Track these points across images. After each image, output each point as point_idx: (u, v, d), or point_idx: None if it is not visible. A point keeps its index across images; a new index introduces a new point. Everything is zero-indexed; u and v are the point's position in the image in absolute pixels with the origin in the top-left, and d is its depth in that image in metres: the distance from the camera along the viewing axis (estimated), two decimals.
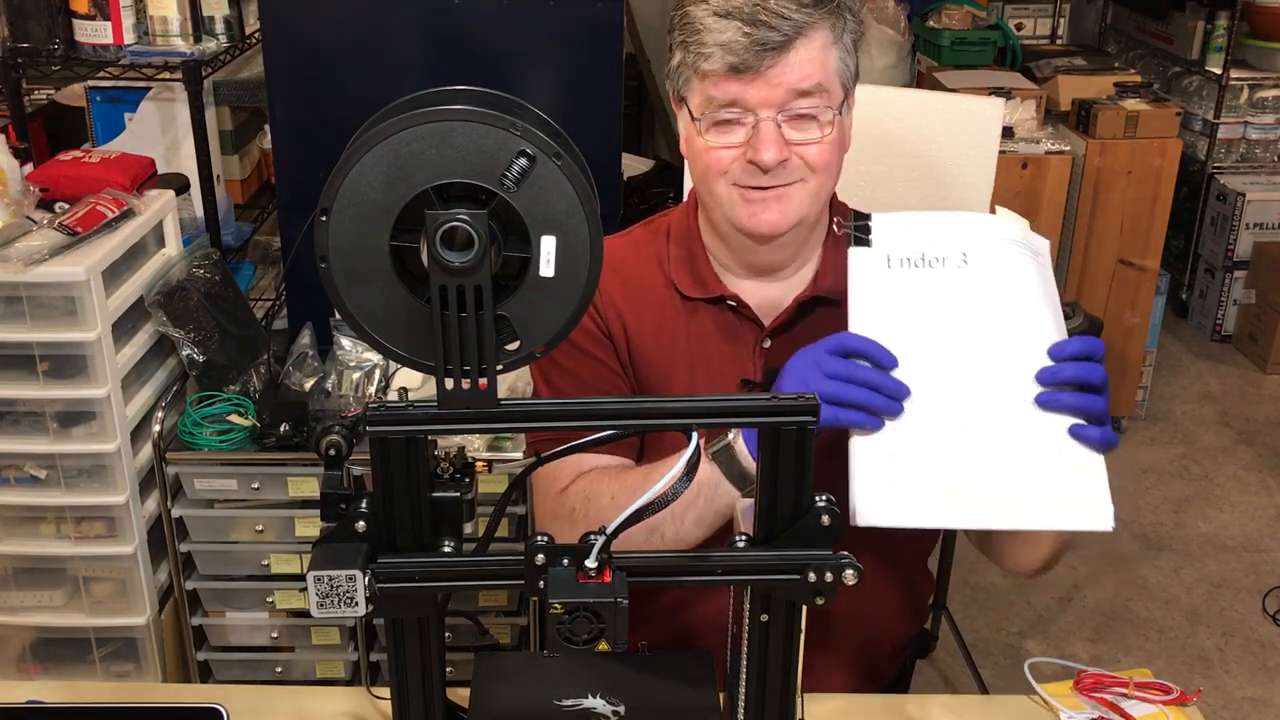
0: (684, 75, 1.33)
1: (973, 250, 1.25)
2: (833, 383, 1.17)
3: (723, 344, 1.42)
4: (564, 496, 1.38)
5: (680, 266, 1.44)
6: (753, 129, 1.29)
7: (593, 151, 1.12)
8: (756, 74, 1.26)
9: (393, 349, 0.95)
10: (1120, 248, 3.48)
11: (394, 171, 0.89)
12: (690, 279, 1.43)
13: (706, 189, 1.36)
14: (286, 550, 2.09)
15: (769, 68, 1.26)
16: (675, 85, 1.35)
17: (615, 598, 0.96)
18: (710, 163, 1.32)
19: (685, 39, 1.30)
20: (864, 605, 1.39)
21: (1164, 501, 3.33)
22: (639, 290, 1.44)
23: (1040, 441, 1.18)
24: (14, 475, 1.98)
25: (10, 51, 2.26)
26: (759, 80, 1.27)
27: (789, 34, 1.25)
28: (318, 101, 2.29)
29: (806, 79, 1.27)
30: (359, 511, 1.01)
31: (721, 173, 1.32)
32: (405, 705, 1.11)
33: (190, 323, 2.06)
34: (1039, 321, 1.22)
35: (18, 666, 2.10)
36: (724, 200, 1.34)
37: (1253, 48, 4.08)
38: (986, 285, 1.23)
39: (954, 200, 1.91)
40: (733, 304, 1.42)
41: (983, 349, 1.21)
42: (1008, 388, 1.19)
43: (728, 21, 1.25)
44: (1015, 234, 1.27)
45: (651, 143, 4.70)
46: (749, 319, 1.42)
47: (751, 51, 1.25)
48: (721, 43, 1.26)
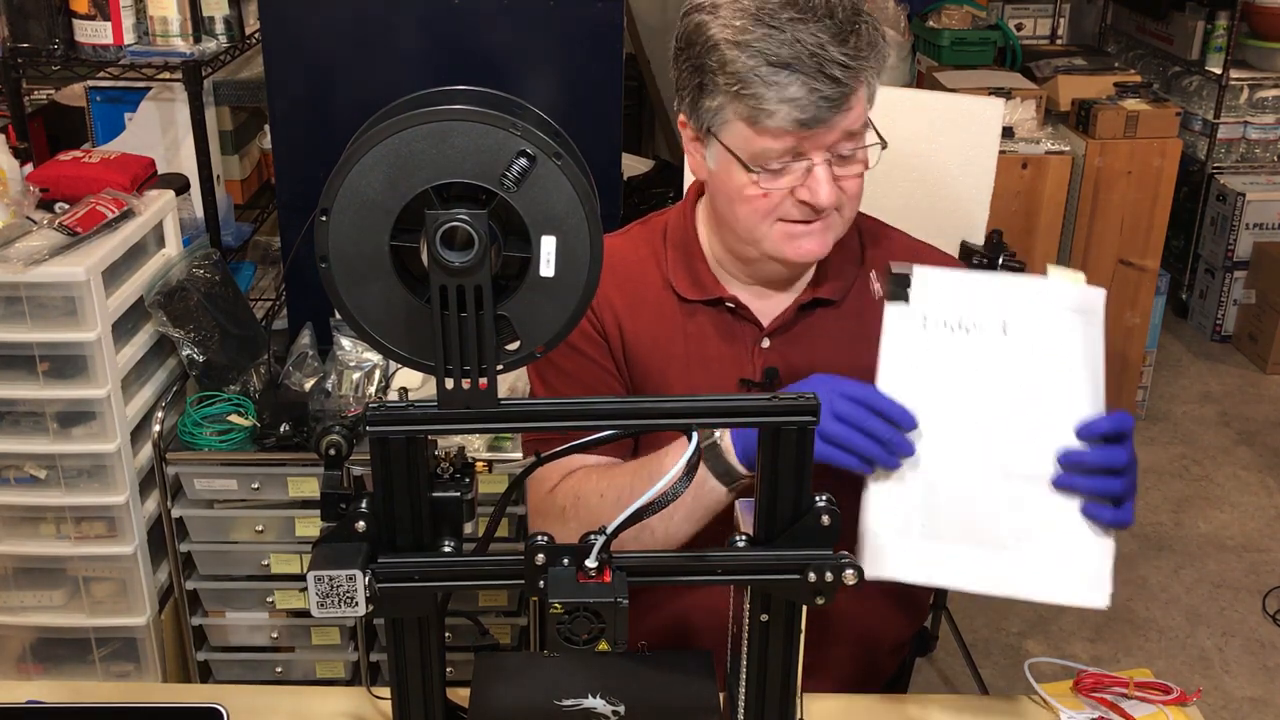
0: (723, 118, 1.28)
1: (1014, 318, 1.23)
2: (838, 424, 1.17)
3: (721, 344, 1.42)
4: (553, 496, 1.39)
5: (678, 269, 1.43)
6: (806, 172, 1.28)
7: (593, 151, 1.12)
8: (820, 128, 1.25)
9: (393, 349, 0.95)
10: (1120, 248, 3.48)
11: (394, 171, 0.89)
12: (688, 281, 1.43)
13: (747, 228, 1.33)
14: (286, 550, 2.09)
15: (834, 120, 1.25)
16: (704, 121, 1.31)
17: (615, 598, 0.96)
18: (758, 206, 1.31)
19: (737, 91, 1.24)
20: (860, 602, 1.39)
21: (1164, 501, 3.32)
22: (636, 290, 1.44)
23: (1053, 517, 1.19)
24: (14, 475, 1.98)
25: (10, 51, 2.26)
26: (820, 131, 1.25)
27: (850, 84, 1.24)
28: (318, 101, 2.29)
29: (857, 121, 1.28)
30: (359, 511, 1.01)
31: (768, 214, 1.31)
32: (405, 705, 1.11)
33: (190, 323, 2.06)
34: (1073, 395, 1.21)
35: (18, 666, 2.10)
36: (765, 238, 1.33)
37: (1253, 48, 4.08)
38: (1023, 357, 1.22)
39: (954, 200, 1.92)
40: (731, 305, 1.42)
41: (1009, 419, 1.21)
42: (1029, 460, 1.20)
43: (790, 75, 1.22)
44: (1065, 298, 1.24)
45: (651, 143, 4.70)
46: (748, 320, 1.42)
47: (820, 108, 1.23)
48: (787, 98, 1.22)
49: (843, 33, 1.24)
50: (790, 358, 1.40)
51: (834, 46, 1.22)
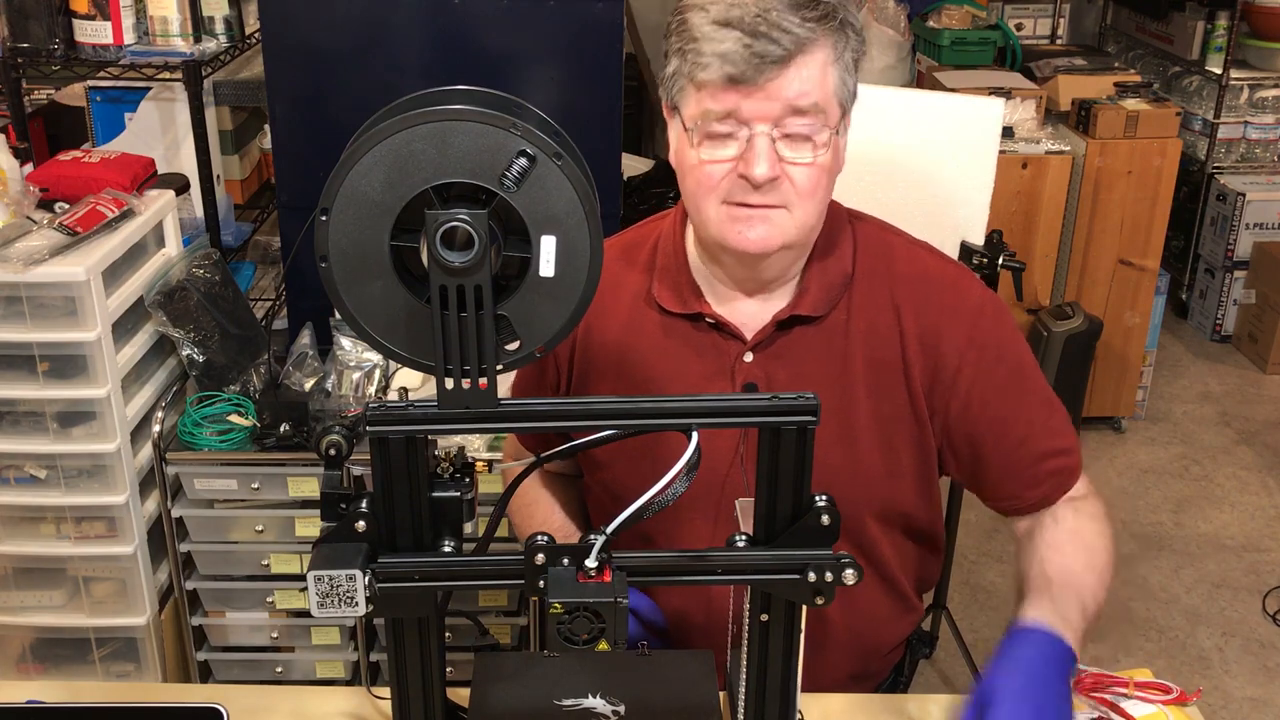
0: (679, 84, 1.29)
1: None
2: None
3: (699, 360, 1.40)
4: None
5: (664, 279, 1.41)
6: (746, 143, 1.25)
7: (593, 151, 1.12)
8: (754, 87, 1.23)
9: (393, 349, 0.95)
10: (1120, 248, 3.49)
11: (394, 171, 0.89)
12: (671, 294, 1.40)
13: (695, 207, 1.32)
14: (286, 550, 2.10)
15: (767, 81, 1.22)
16: (669, 93, 1.31)
17: (615, 598, 0.96)
18: (701, 178, 1.29)
19: (682, 46, 1.26)
20: (852, 604, 1.39)
21: (1164, 501, 3.32)
22: (611, 298, 1.42)
23: None
24: (14, 475, 1.98)
25: (10, 51, 2.26)
26: (756, 94, 1.23)
27: (789, 48, 1.22)
28: (318, 101, 2.29)
29: (804, 96, 1.24)
30: (359, 511, 1.01)
31: (711, 189, 1.28)
32: (405, 705, 1.11)
33: (190, 323, 2.06)
34: None
35: (18, 666, 2.10)
36: (711, 219, 1.30)
37: (1253, 48, 4.08)
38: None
39: (954, 200, 1.92)
40: (712, 321, 1.39)
41: None
42: None
43: (727, 31, 1.22)
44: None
45: (651, 143, 4.70)
46: (730, 335, 1.39)
47: (751, 63, 1.22)
48: (720, 52, 1.22)
49: (799, 3, 1.23)
50: (773, 372, 1.38)
51: (782, 11, 1.22)
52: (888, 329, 1.38)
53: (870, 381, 1.38)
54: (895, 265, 1.41)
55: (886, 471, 1.39)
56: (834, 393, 1.36)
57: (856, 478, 1.38)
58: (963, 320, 1.38)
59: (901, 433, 1.39)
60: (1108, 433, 3.66)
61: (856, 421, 1.37)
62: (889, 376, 1.38)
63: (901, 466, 1.40)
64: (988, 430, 1.39)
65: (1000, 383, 1.39)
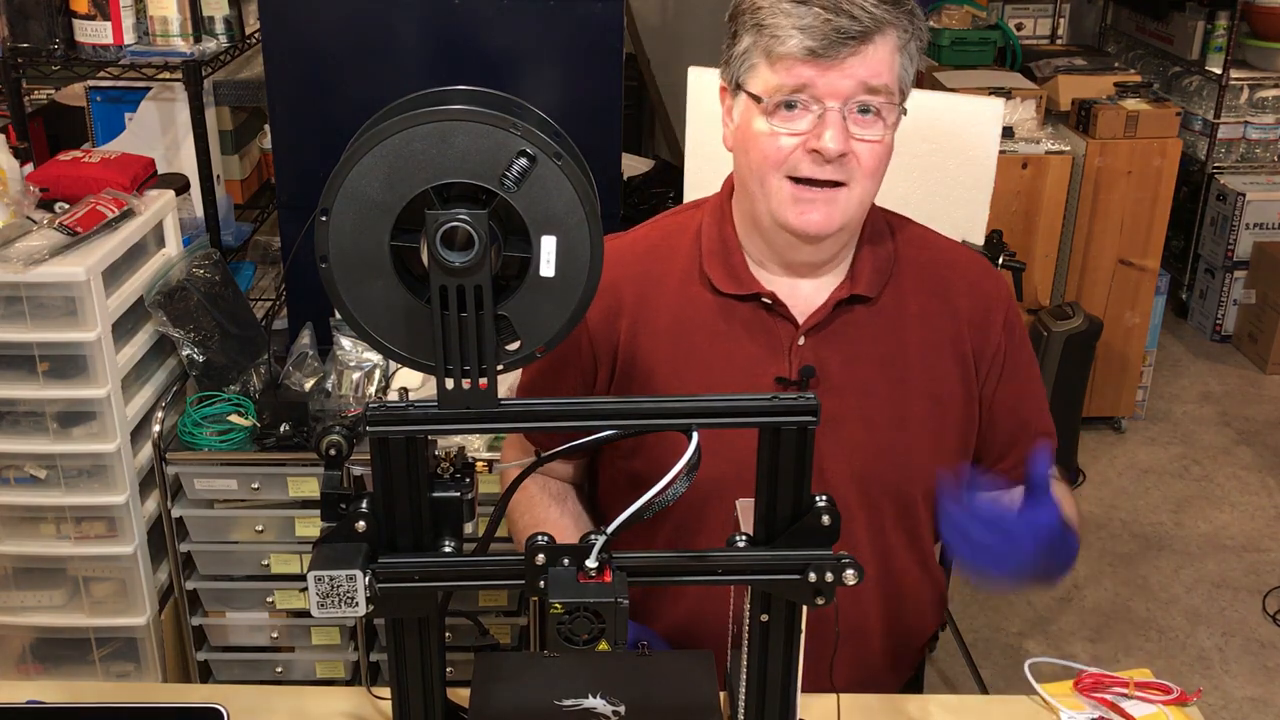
0: (749, 61, 1.31)
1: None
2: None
3: (754, 341, 1.40)
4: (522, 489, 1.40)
5: (715, 261, 1.42)
6: (818, 118, 1.28)
7: (593, 151, 1.12)
8: (832, 62, 1.26)
9: (393, 349, 0.95)
10: (1120, 248, 3.49)
11: (394, 171, 0.89)
12: (725, 275, 1.41)
13: (758, 181, 1.34)
14: (286, 550, 2.09)
15: (846, 57, 1.26)
16: (734, 72, 1.34)
17: (615, 598, 0.96)
18: (769, 151, 1.31)
19: (758, 22, 1.29)
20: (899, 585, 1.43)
21: (1164, 501, 3.32)
22: (657, 287, 1.42)
23: None
24: (14, 475, 1.98)
25: (10, 51, 2.26)
26: (832, 70, 1.26)
27: (868, 26, 1.25)
28: (318, 101, 2.29)
29: (876, 76, 1.28)
30: (359, 511, 1.01)
31: (779, 163, 1.31)
32: (405, 705, 1.11)
33: (190, 323, 2.06)
34: None
35: (18, 666, 2.10)
36: (774, 194, 1.32)
37: (1253, 48, 4.08)
38: None
39: (954, 200, 1.92)
40: (768, 302, 1.40)
41: None
42: None
43: (807, 8, 1.26)
44: None
45: (651, 143, 4.70)
46: (784, 317, 1.40)
47: (831, 38, 1.25)
48: (801, 26, 1.25)
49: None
50: (826, 355, 1.39)
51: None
52: (939, 312, 1.42)
53: (923, 363, 1.41)
54: (935, 252, 1.46)
55: (934, 451, 1.42)
56: (887, 375, 1.40)
57: (910, 459, 1.40)
58: (1000, 304, 1.45)
59: (952, 413, 1.42)
60: (1108, 433, 3.66)
61: (909, 403, 1.40)
62: (942, 358, 1.41)
63: (948, 446, 1.43)
64: (1006, 409, 1.46)
65: (1021, 365, 1.47)
